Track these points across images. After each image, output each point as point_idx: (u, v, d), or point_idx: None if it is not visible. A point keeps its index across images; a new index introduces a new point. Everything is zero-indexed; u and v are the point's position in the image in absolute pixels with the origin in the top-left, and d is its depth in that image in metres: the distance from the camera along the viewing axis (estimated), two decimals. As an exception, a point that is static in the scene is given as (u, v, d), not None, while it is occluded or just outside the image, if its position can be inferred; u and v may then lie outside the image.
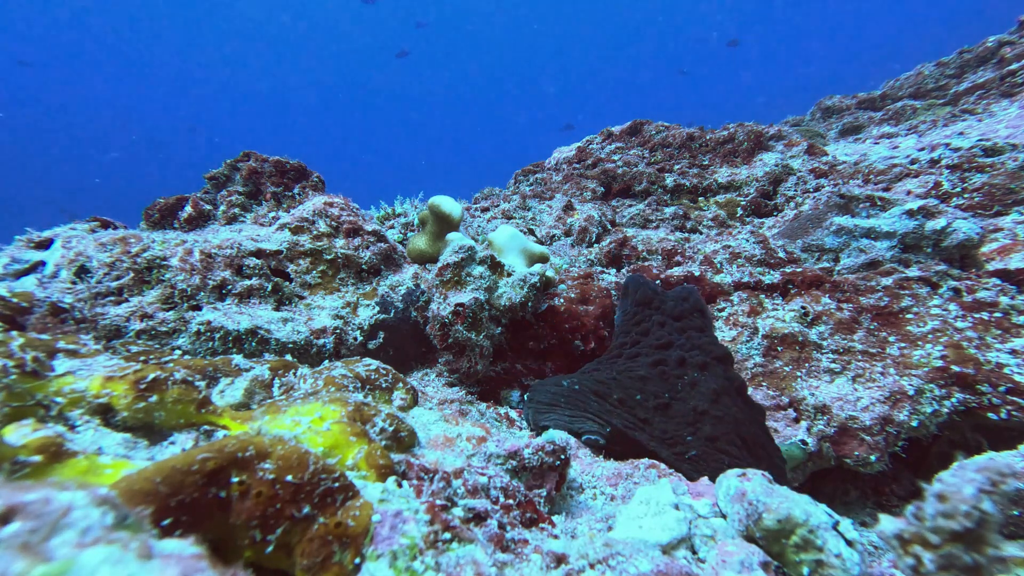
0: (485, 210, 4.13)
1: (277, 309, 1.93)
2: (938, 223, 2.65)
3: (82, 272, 1.77)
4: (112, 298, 1.74)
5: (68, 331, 1.60)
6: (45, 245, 1.94)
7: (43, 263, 1.84)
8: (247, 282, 1.91)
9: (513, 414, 1.82)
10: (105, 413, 0.98)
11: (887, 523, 0.81)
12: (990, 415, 1.78)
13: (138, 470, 0.69)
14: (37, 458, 0.76)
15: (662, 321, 1.78)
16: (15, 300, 1.58)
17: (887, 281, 2.32)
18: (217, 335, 1.71)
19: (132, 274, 1.77)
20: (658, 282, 2.61)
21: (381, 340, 2.03)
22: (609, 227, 3.59)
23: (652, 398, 1.57)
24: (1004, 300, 2.08)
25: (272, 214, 2.49)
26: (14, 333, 1.10)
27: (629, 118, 5.29)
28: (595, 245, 3.32)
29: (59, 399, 0.96)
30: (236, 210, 2.51)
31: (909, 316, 2.15)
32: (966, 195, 2.96)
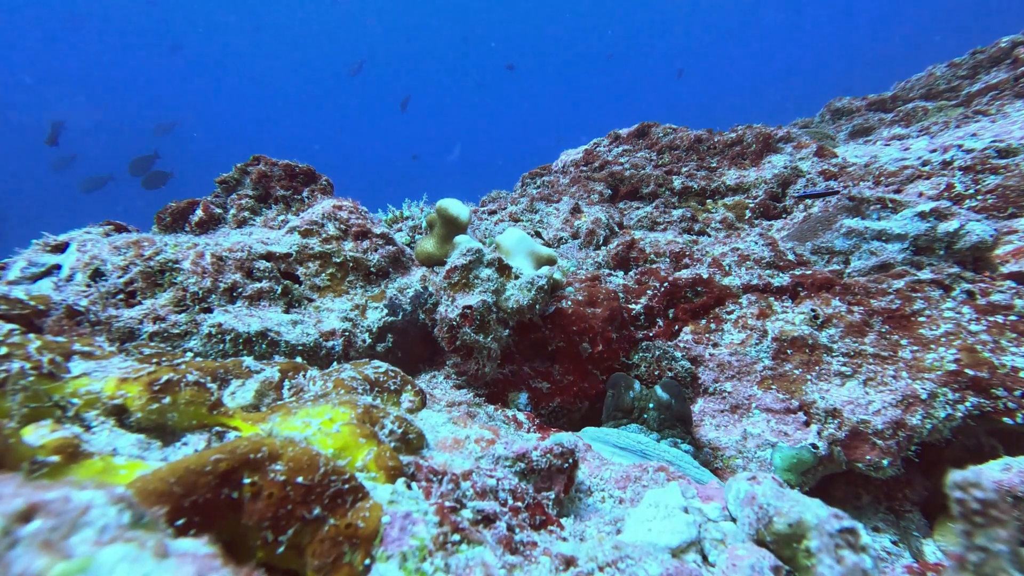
0: (492, 213, 4.15)
1: (287, 311, 1.95)
2: (951, 225, 2.62)
3: (97, 275, 1.80)
4: (126, 300, 1.77)
5: (83, 333, 1.63)
6: (61, 249, 1.97)
7: (59, 266, 1.88)
8: (257, 285, 1.93)
9: (521, 416, 1.82)
10: (120, 414, 0.99)
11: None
12: (1005, 419, 1.76)
13: (152, 471, 0.70)
14: (55, 458, 0.77)
15: (638, 432, 1.84)
16: (32, 303, 1.60)
17: (899, 284, 2.30)
18: (228, 337, 1.73)
19: (145, 277, 1.80)
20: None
21: (389, 342, 2.04)
22: (617, 230, 3.58)
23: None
24: (1019, 303, 2.05)
25: (281, 217, 2.52)
26: (31, 336, 1.12)
27: (636, 120, 5.29)
28: (602, 248, 3.32)
29: (75, 400, 0.97)
30: (246, 213, 2.54)
31: (921, 319, 2.12)
32: (979, 197, 2.92)
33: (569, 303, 2.29)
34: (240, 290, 1.89)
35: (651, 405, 1.88)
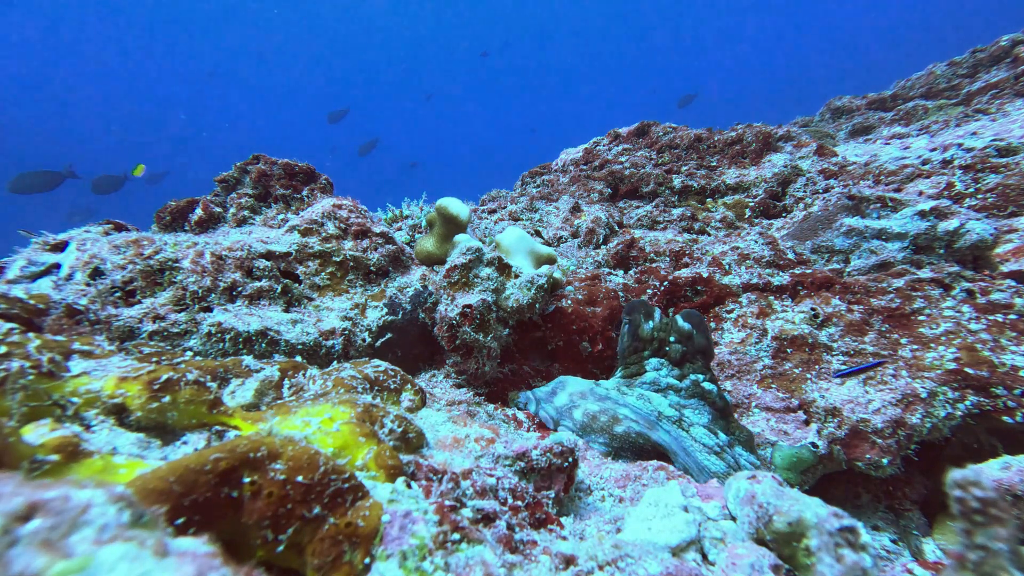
0: (492, 212, 4.14)
1: (286, 311, 1.95)
2: (951, 224, 2.62)
3: (96, 274, 1.80)
4: (125, 299, 1.77)
5: (83, 332, 1.62)
6: (60, 248, 1.97)
7: (58, 265, 1.87)
8: (257, 284, 1.93)
9: (521, 415, 1.82)
10: (119, 413, 0.99)
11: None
12: (1005, 418, 1.76)
13: (152, 469, 0.70)
14: (55, 457, 0.77)
15: (659, 367, 1.74)
16: (32, 302, 1.60)
17: (899, 283, 2.30)
18: (228, 336, 1.73)
19: (145, 276, 1.80)
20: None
21: (389, 341, 2.04)
22: (616, 229, 3.58)
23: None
24: (1019, 302, 2.05)
25: (281, 216, 2.52)
26: (31, 335, 1.12)
27: (636, 120, 5.29)
28: (602, 247, 3.32)
29: (75, 399, 0.97)
30: (246, 212, 2.53)
31: (921, 318, 2.12)
32: (979, 196, 2.92)
33: (569, 302, 2.29)
34: (240, 289, 1.89)
35: (672, 338, 1.75)
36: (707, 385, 1.69)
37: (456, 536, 0.77)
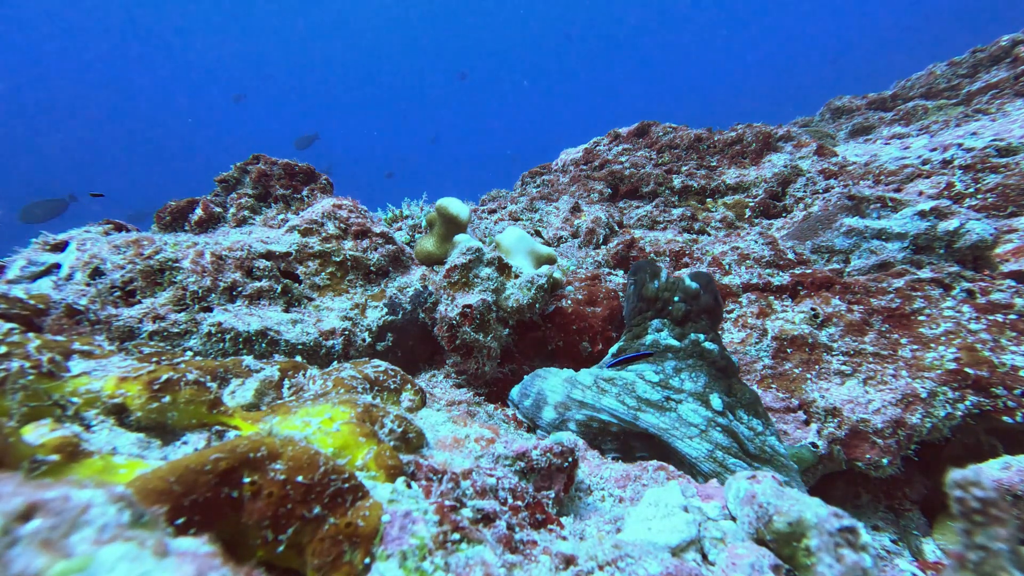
0: (492, 212, 4.14)
1: (286, 311, 1.95)
2: (951, 224, 2.62)
3: (96, 274, 1.80)
4: (125, 299, 1.77)
5: (83, 332, 1.62)
6: (60, 248, 1.97)
7: (58, 265, 1.87)
8: (257, 284, 1.93)
9: (520, 415, 1.82)
10: (120, 413, 0.99)
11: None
12: (1005, 418, 1.76)
13: (152, 469, 0.70)
14: (55, 457, 0.77)
15: (660, 328, 1.69)
16: (32, 302, 1.60)
17: (899, 283, 2.30)
18: (228, 336, 1.73)
19: (145, 276, 1.80)
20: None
21: (389, 341, 2.04)
22: (616, 229, 3.58)
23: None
24: (1019, 302, 2.05)
25: (281, 216, 2.52)
26: (31, 335, 1.12)
27: (636, 118, 5.29)
28: (602, 247, 3.32)
29: (75, 399, 0.97)
30: (246, 212, 2.53)
31: (921, 318, 2.12)
32: (979, 196, 2.92)
33: (569, 302, 2.29)
34: (240, 289, 1.89)
35: (676, 298, 1.69)
36: (708, 344, 1.63)
37: (456, 536, 0.77)
